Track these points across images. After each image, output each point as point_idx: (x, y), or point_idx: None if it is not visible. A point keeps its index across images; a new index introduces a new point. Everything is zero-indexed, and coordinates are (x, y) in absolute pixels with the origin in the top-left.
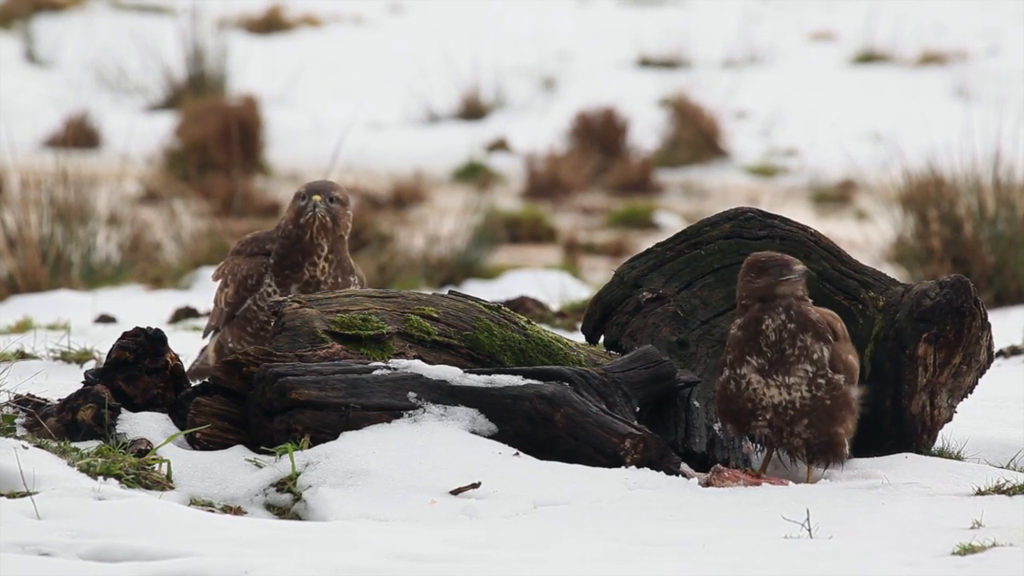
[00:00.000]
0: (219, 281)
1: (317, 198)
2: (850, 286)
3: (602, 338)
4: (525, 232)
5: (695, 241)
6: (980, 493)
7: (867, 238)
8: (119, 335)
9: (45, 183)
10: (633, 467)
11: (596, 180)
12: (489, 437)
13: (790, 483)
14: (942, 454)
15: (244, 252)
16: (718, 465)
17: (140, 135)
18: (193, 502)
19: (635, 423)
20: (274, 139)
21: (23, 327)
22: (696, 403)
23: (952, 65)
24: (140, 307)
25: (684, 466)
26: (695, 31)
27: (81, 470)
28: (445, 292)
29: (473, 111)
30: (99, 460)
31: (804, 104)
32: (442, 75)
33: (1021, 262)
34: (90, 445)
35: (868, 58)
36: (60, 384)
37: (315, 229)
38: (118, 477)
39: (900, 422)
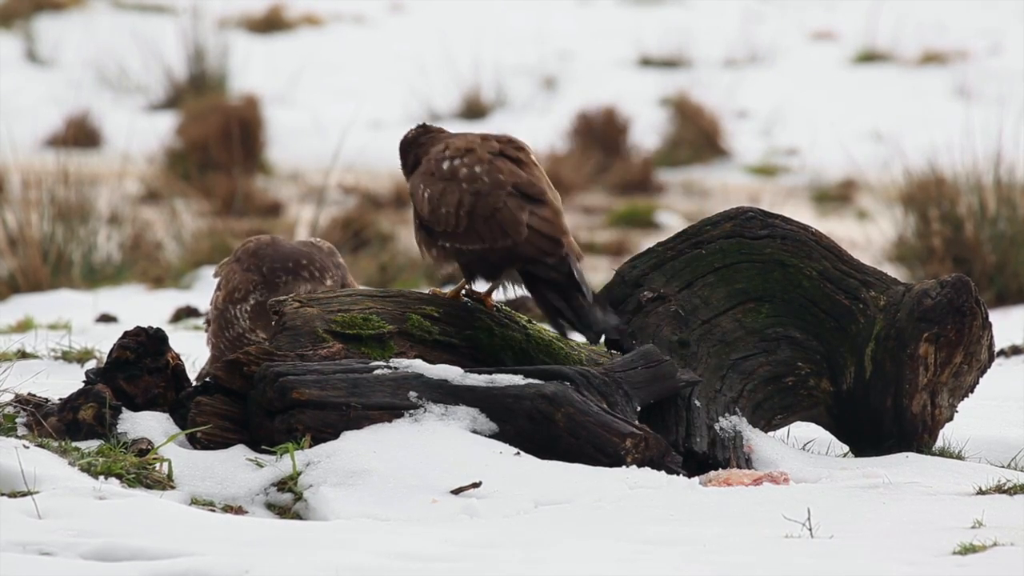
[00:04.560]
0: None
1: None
2: (851, 285)
3: (603, 337)
4: None
5: (696, 240)
6: (981, 492)
7: (868, 237)
8: (120, 334)
9: (46, 182)
10: (634, 467)
11: (597, 179)
12: (490, 436)
13: (791, 482)
14: (943, 453)
15: (242, 263)
16: (710, 473)
17: (141, 134)
18: (194, 502)
19: (636, 423)
20: (275, 138)
21: (24, 326)
22: (697, 402)
23: (953, 64)
24: (141, 306)
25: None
26: (696, 30)
27: (82, 469)
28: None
29: (474, 110)
30: (100, 460)
31: (805, 103)
32: (443, 74)
33: (1022, 261)
34: (91, 445)
35: (869, 57)
36: (61, 383)
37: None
38: (119, 477)
39: (901, 421)
